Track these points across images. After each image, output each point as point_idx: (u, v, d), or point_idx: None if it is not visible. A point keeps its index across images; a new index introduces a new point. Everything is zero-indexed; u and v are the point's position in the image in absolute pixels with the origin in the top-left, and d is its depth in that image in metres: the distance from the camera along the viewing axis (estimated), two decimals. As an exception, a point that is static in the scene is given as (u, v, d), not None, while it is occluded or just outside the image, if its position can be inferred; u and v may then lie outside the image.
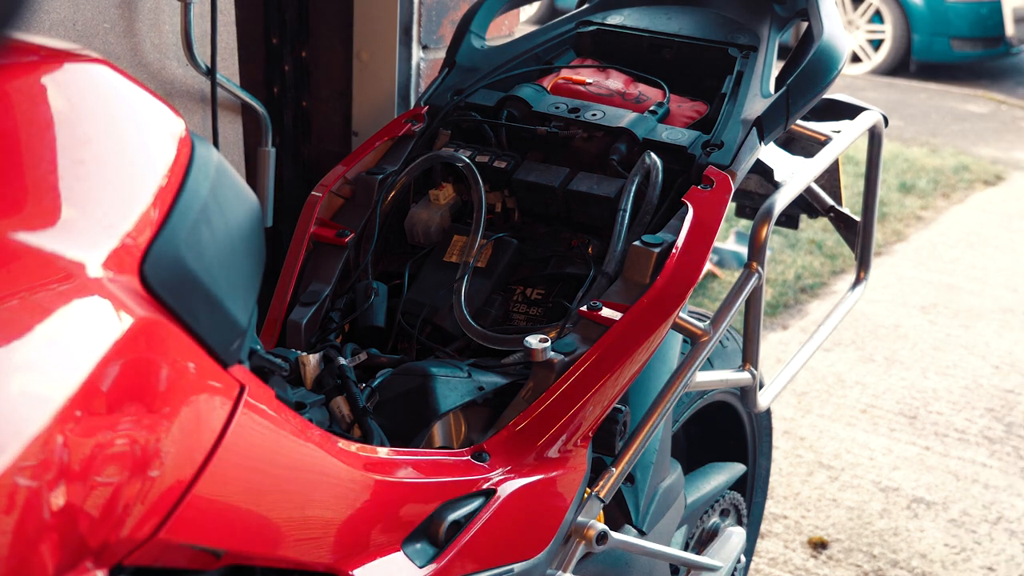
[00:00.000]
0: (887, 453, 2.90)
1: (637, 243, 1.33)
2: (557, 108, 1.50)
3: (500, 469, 1.17)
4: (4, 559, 0.59)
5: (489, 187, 1.47)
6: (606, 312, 1.28)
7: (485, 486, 1.15)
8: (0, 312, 0.62)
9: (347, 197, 1.49)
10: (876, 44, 8.07)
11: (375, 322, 1.38)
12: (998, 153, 6.12)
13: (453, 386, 1.23)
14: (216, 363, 0.78)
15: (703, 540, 1.83)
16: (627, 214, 1.37)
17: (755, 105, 1.47)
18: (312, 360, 1.23)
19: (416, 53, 2.11)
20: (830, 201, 1.79)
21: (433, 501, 1.10)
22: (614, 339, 1.24)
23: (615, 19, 1.69)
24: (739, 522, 1.94)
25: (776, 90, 1.50)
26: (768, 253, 1.43)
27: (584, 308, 1.29)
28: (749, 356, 1.53)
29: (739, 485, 1.95)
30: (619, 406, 1.31)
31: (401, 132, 1.54)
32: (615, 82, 1.58)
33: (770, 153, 1.64)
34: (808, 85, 1.49)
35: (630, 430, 1.35)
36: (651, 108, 1.51)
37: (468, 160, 1.45)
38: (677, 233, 1.32)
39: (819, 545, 2.50)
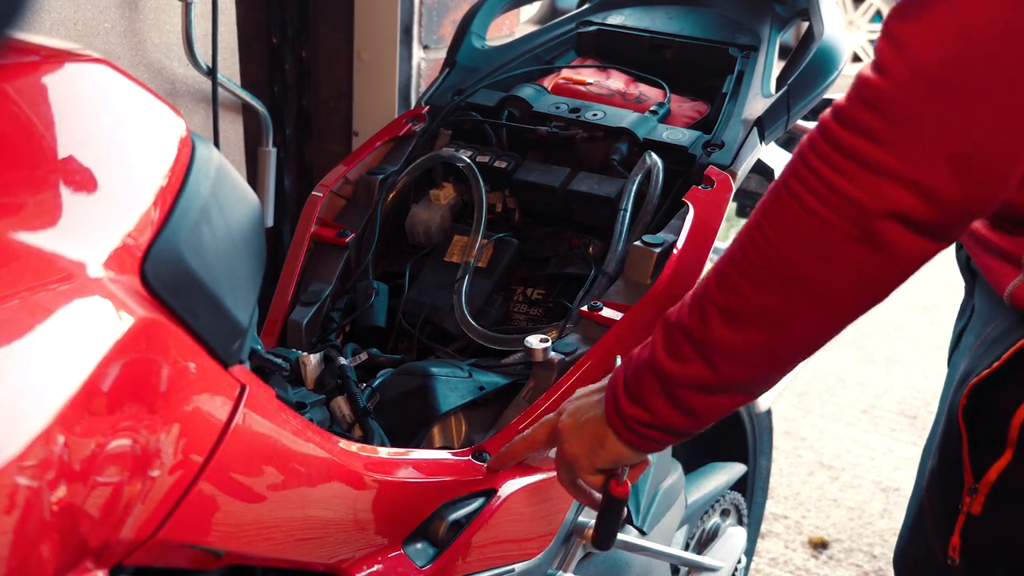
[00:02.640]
0: (888, 453, 2.90)
1: (638, 243, 1.33)
2: (558, 108, 1.50)
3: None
4: (4, 559, 0.59)
5: (490, 187, 1.47)
6: (607, 312, 1.28)
7: (485, 486, 1.15)
8: (0, 312, 0.62)
9: (348, 197, 1.49)
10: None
11: (376, 322, 1.38)
12: (999, 153, 6.11)
13: (453, 386, 1.23)
14: (217, 363, 0.78)
15: (704, 540, 1.83)
16: (628, 214, 1.37)
17: (756, 105, 1.47)
18: (313, 360, 1.23)
19: (417, 53, 2.11)
20: (831, 201, 1.79)
21: (433, 501, 1.10)
22: (615, 339, 1.24)
23: (616, 19, 1.68)
24: (740, 522, 1.94)
25: (777, 90, 1.50)
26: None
27: (585, 308, 1.29)
28: (750, 356, 1.53)
29: (740, 485, 1.95)
30: (620, 406, 1.31)
31: (402, 132, 1.54)
32: (616, 82, 1.58)
33: (771, 153, 1.64)
34: (809, 85, 1.49)
35: (631, 430, 1.35)
36: (652, 108, 1.51)
37: (469, 160, 1.45)
38: (678, 233, 1.32)
39: (820, 545, 2.50)
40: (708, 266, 1.39)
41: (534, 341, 1.23)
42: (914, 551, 1.15)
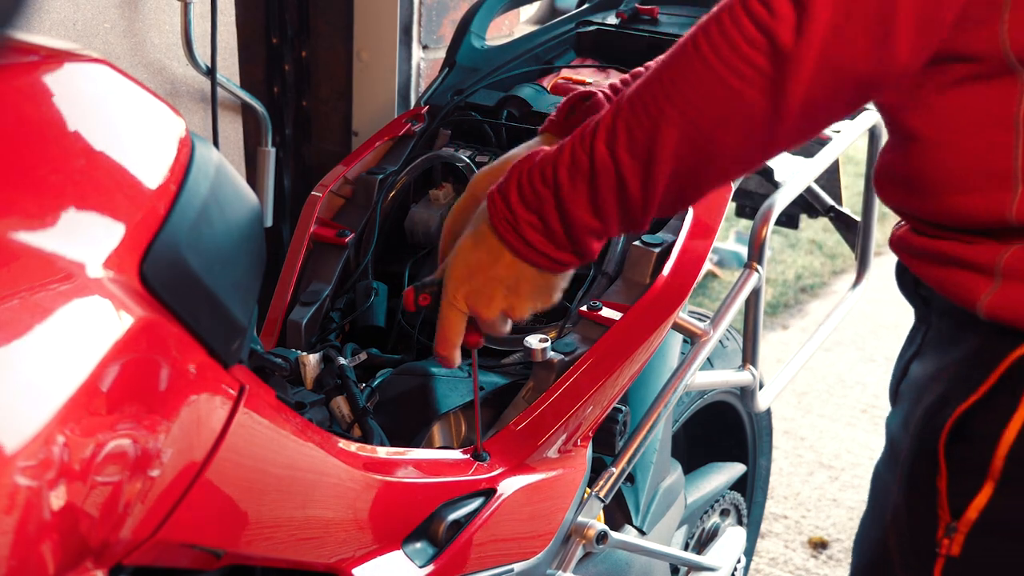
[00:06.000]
0: (887, 453, 2.90)
1: (637, 243, 1.33)
2: (557, 108, 1.50)
3: (500, 469, 1.17)
4: (4, 559, 0.59)
5: (489, 187, 1.47)
6: (606, 312, 1.28)
7: (485, 486, 1.15)
8: (0, 312, 0.62)
9: (347, 197, 1.49)
10: (876, 44, 8.06)
11: (375, 322, 1.38)
12: (998, 153, 6.10)
13: (453, 386, 1.23)
14: (216, 363, 0.78)
15: (703, 540, 1.83)
16: (627, 214, 1.37)
17: (755, 105, 1.47)
18: (312, 360, 1.23)
19: (416, 53, 2.11)
20: (830, 201, 1.79)
21: (433, 501, 1.10)
22: (614, 339, 1.24)
23: (615, 19, 1.68)
24: (739, 522, 1.94)
25: (776, 90, 1.50)
26: (768, 253, 1.43)
27: (584, 308, 1.29)
28: (749, 356, 1.53)
29: (739, 485, 1.95)
30: (619, 406, 1.31)
31: (401, 132, 1.54)
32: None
33: (770, 153, 1.64)
34: (808, 85, 1.49)
35: (630, 430, 1.35)
36: (651, 108, 1.51)
37: (468, 160, 1.45)
38: (677, 233, 1.32)
39: (819, 545, 2.50)
40: (707, 266, 1.39)
41: (533, 341, 1.23)
42: None
